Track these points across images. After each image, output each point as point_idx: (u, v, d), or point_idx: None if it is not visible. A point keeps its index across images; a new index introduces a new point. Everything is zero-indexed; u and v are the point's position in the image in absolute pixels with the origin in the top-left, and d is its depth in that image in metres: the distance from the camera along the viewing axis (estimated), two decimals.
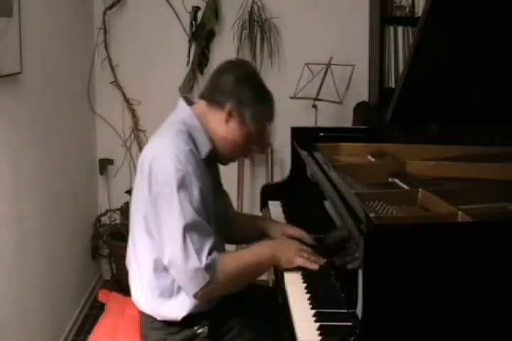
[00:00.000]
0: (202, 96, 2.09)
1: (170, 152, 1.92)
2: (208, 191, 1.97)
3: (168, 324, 2.01)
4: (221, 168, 2.23)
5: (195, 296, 1.92)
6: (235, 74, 2.03)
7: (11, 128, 2.56)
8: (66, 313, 3.33)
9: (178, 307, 1.98)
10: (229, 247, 2.26)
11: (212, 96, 2.04)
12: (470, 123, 2.39)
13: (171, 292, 1.98)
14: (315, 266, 1.97)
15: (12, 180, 2.57)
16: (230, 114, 2.01)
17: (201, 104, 2.07)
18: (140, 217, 1.98)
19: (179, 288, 1.97)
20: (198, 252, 1.87)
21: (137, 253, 2.03)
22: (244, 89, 2.01)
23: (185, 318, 1.98)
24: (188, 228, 1.87)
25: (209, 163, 2.05)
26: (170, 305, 1.98)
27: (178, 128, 1.99)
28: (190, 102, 2.11)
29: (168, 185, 1.89)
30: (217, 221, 2.02)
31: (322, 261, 1.99)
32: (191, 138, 1.99)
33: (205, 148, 2.01)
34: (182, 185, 1.88)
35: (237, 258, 2.00)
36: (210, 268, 1.88)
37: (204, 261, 1.87)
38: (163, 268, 1.96)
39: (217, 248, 1.94)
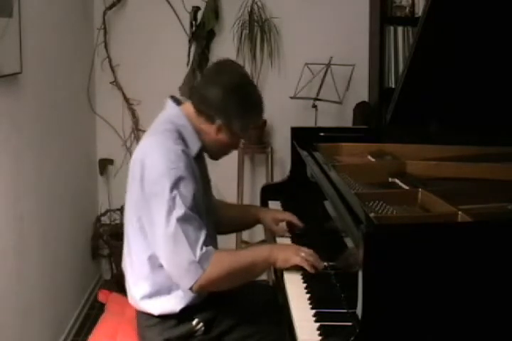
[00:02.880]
0: (190, 99, 2.10)
1: (159, 151, 1.95)
2: (199, 187, 1.99)
3: (164, 319, 2.02)
4: (221, 167, 2.24)
5: (191, 289, 1.93)
6: (223, 85, 2.01)
7: (11, 128, 2.56)
8: (66, 313, 3.33)
9: (174, 301, 2.00)
10: (228, 242, 2.27)
11: (200, 106, 2.05)
12: (470, 123, 2.39)
13: (168, 287, 2.00)
14: (311, 268, 1.96)
15: (12, 180, 2.57)
16: (219, 129, 2.04)
17: (189, 106, 2.09)
18: (134, 217, 2.01)
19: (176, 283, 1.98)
20: (192, 245, 1.89)
21: (131, 253, 2.05)
22: (231, 103, 2.01)
23: (181, 311, 2.00)
24: (181, 222, 1.89)
25: (198, 157, 2.08)
26: (167, 299, 2.00)
27: (166, 127, 2.02)
28: (178, 102, 2.12)
29: (160, 183, 1.91)
30: (207, 212, 2.04)
31: (322, 264, 1.98)
32: (180, 137, 2.01)
33: (195, 147, 2.04)
34: (174, 185, 1.90)
35: (234, 254, 2.03)
36: (203, 260, 1.89)
37: (198, 254, 1.89)
38: (158, 265, 1.98)
39: (211, 242, 1.95)
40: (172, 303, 2.00)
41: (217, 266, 1.91)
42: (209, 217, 2.06)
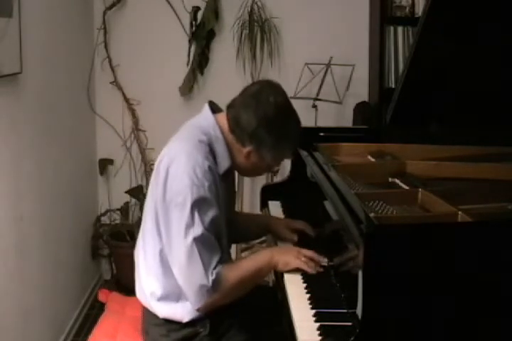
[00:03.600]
0: (227, 112, 2.03)
1: (187, 162, 1.90)
2: (221, 203, 1.96)
3: (170, 321, 2.01)
4: None
5: (198, 309, 1.94)
6: (257, 115, 1.95)
7: (11, 128, 2.56)
8: (66, 313, 3.33)
9: (181, 312, 1.99)
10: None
11: (234, 127, 1.99)
12: (470, 123, 2.39)
13: (177, 295, 1.98)
14: (311, 270, 1.97)
15: (12, 180, 2.57)
16: (249, 153, 2.00)
17: (224, 118, 2.02)
18: (152, 215, 1.99)
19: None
20: (206, 269, 1.88)
21: (146, 249, 2.04)
22: (264, 135, 1.96)
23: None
24: (197, 242, 1.88)
25: (226, 172, 2.03)
26: (174, 307, 1.99)
27: (199, 138, 1.96)
28: (215, 108, 2.07)
29: (182, 195, 1.88)
30: (227, 225, 2.03)
31: (325, 261, 1.98)
32: (211, 152, 1.97)
33: (224, 164, 2.00)
34: (195, 203, 1.87)
35: (238, 268, 1.99)
36: (215, 286, 1.89)
37: (211, 279, 1.88)
38: (170, 270, 1.96)
39: (224, 256, 1.95)
40: (179, 312, 1.99)
41: (224, 287, 1.91)
42: (228, 229, 2.04)
